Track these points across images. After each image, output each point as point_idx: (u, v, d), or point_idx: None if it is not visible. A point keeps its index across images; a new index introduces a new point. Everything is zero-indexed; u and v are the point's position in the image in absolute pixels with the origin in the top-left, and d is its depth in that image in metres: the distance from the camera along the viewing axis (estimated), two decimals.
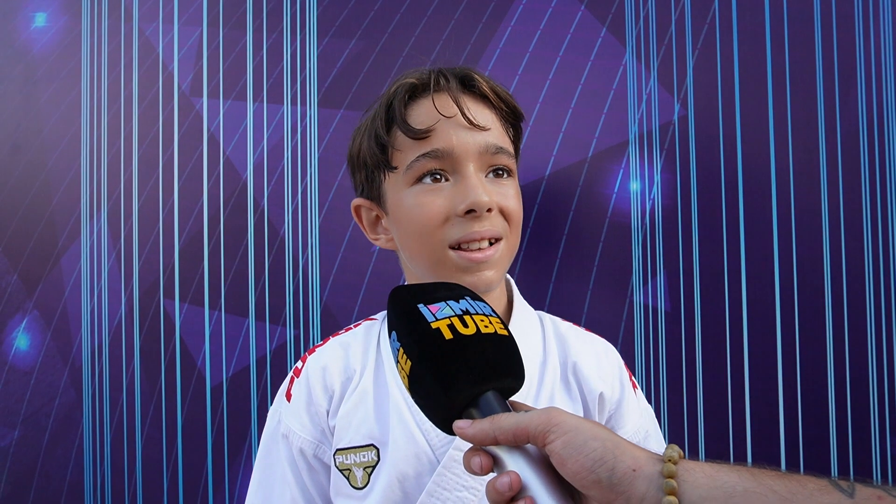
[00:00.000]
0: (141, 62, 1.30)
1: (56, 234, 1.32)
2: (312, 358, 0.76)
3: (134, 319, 1.27)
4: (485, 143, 0.69)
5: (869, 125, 1.06)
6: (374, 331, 0.78)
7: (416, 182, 0.69)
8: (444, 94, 0.69)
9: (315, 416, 0.73)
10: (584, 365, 0.75)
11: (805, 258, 1.07)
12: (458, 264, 0.68)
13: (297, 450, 0.73)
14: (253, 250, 1.23)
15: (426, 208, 0.68)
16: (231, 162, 1.25)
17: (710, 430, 1.08)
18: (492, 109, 0.72)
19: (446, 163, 0.68)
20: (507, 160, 0.71)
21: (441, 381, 0.48)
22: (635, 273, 1.11)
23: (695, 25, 1.11)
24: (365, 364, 0.74)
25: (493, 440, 0.46)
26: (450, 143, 0.67)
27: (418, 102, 0.70)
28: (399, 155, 0.70)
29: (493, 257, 0.69)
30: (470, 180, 0.67)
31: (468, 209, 0.66)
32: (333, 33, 1.22)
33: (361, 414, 0.71)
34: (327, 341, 0.78)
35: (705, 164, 1.10)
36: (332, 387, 0.73)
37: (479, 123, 0.68)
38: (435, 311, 0.50)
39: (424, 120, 0.68)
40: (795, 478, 0.40)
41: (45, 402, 1.31)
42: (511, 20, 1.16)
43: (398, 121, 0.69)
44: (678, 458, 0.42)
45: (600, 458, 0.42)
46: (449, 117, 0.68)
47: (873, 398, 1.05)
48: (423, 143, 0.68)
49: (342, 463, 0.70)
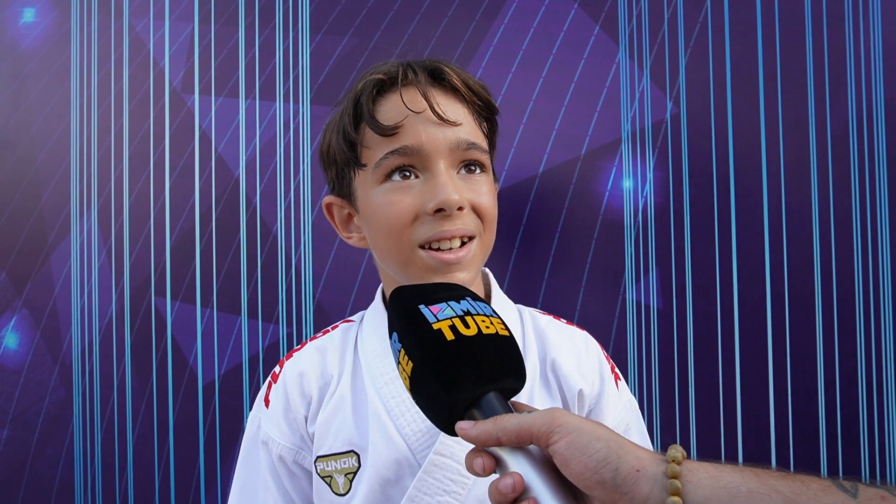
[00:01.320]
0: (131, 58, 1.29)
1: (45, 232, 1.30)
2: (289, 363, 0.75)
3: (125, 317, 1.26)
4: (455, 138, 0.66)
5: (859, 124, 1.07)
6: (351, 334, 0.76)
7: (384, 180, 0.67)
8: (413, 89, 0.67)
9: (293, 423, 0.72)
10: (564, 362, 0.74)
11: (795, 256, 1.08)
12: (428, 265, 0.66)
13: (276, 456, 0.72)
14: (245, 248, 1.22)
15: (395, 207, 0.66)
16: (223, 159, 1.24)
17: (702, 427, 1.09)
18: (463, 103, 0.69)
19: (415, 159, 0.66)
20: (479, 155, 0.69)
21: (443, 382, 0.48)
22: (628, 271, 1.12)
23: (687, 24, 1.12)
24: (342, 369, 0.73)
25: (496, 441, 0.46)
26: (419, 140, 0.65)
27: (386, 97, 0.68)
28: (368, 152, 0.68)
29: (465, 258, 0.66)
30: (440, 178, 0.65)
31: (437, 208, 0.64)
32: (326, 30, 1.22)
33: (340, 420, 0.70)
34: (304, 345, 0.77)
35: (697, 162, 1.10)
36: (310, 393, 0.72)
37: (450, 118, 0.66)
38: (436, 312, 0.50)
39: (392, 116, 0.66)
40: (799, 478, 0.41)
41: (35, 401, 1.30)
42: (504, 18, 1.16)
43: (366, 117, 0.67)
44: (682, 458, 0.42)
45: (604, 458, 0.42)
46: (418, 112, 0.65)
47: (862, 395, 1.06)
48: (392, 140, 0.66)
49: (323, 470, 0.69)
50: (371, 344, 0.73)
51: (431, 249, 0.66)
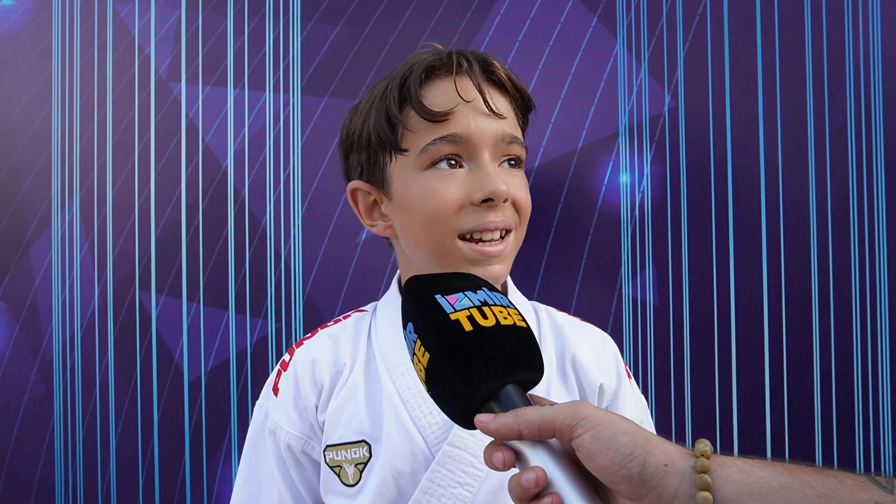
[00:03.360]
0: (116, 45, 1.25)
1: (25, 223, 1.26)
2: (300, 351, 0.74)
3: (108, 311, 1.23)
4: (501, 131, 0.67)
5: (857, 119, 1.07)
6: (364, 323, 0.75)
7: (429, 167, 0.66)
8: (466, 78, 0.67)
9: (303, 412, 0.71)
10: (583, 357, 0.74)
11: (793, 252, 1.07)
12: (467, 256, 0.66)
13: (284, 445, 0.71)
14: (233, 241, 1.20)
15: (440, 195, 0.65)
16: (211, 149, 1.21)
17: (698, 423, 1.08)
18: (507, 97, 0.70)
19: (462, 148, 0.66)
20: (519, 150, 0.70)
21: (461, 373, 0.46)
22: (624, 266, 1.11)
23: (686, 17, 1.11)
24: (355, 357, 0.72)
25: (518, 434, 0.44)
26: (468, 129, 0.65)
27: (435, 83, 0.67)
28: (411, 136, 0.67)
29: (504, 252, 0.67)
30: (487, 168, 0.66)
31: (486, 198, 0.64)
32: (318, 18, 1.19)
33: (352, 409, 0.69)
34: (316, 333, 0.76)
35: (695, 156, 1.10)
36: (321, 381, 0.71)
37: (498, 111, 0.67)
38: (453, 302, 0.49)
39: (442, 102, 0.66)
40: (833, 473, 0.40)
41: (14, 397, 1.26)
42: (500, 8, 1.14)
43: (413, 100, 0.66)
44: (710, 452, 0.41)
45: (631, 452, 0.41)
46: (468, 101, 0.66)
47: (858, 392, 1.06)
48: (440, 127, 0.65)
49: (332, 459, 0.68)
50: (386, 334, 0.72)
51: (472, 241, 0.66)
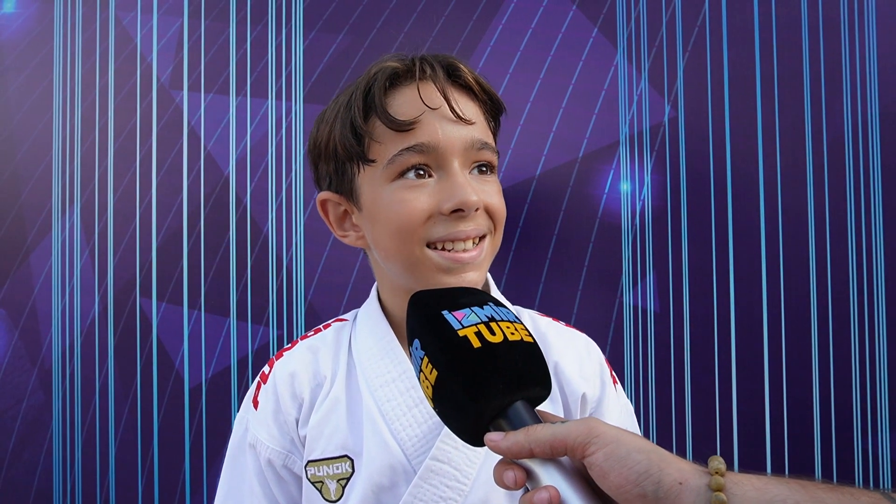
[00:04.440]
0: (117, 52, 1.25)
1: (25, 230, 1.26)
2: (280, 363, 0.72)
3: (108, 319, 1.23)
4: (470, 137, 0.65)
5: (854, 128, 1.08)
6: (344, 333, 0.74)
7: (397, 177, 0.64)
8: (430, 84, 0.64)
9: (284, 426, 0.69)
10: (566, 365, 0.72)
11: (791, 260, 1.08)
12: (438, 264, 0.64)
13: (265, 460, 0.69)
14: (235, 248, 1.20)
15: (408, 205, 0.63)
16: (212, 157, 1.21)
17: (698, 430, 1.09)
18: (476, 101, 0.68)
19: (430, 158, 0.64)
20: (490, 156, 0.67)
21: (470, 391, 0.45)
22: (625, 274, 1.11)
23: (685, 27, 1.12)
24: (336, 370, 0.70)
25: (529, 453, 0.44)
26: (435, 137, 0.63)
27: (399, 91, 0.65)
28: (378, 147, 0.64)
29: (478, 258, 0.65)
30: (457, 178, 0.63)
31: (456, 208, 0.62)
32: (320, 27, 1.19)
33: (334, 423, 0.67)
34: (295, 345, 0.74)
35: (695, 165, 1.11)
36: (302, 395, 0.69)
37: (466, 117, 0.64)
38: (461, 318, 0.48)
39: (407, 110, 0.63)
40: (848, 490, 0.40)
41: (12, 405, 1.25)
42: (502, 18, 1.15)
43: (378, 110, 0.64)
44: (724, 470, 0.41)
45: (645, 470, 0.40)
46: (434, 109, 0.63)
47: (856, 398, 1.07)
48: (407, 136, 0.63)
49: (314, 475, 0.67)
50: (366, 344, 0.71)
51: (444, 249, 0.64)
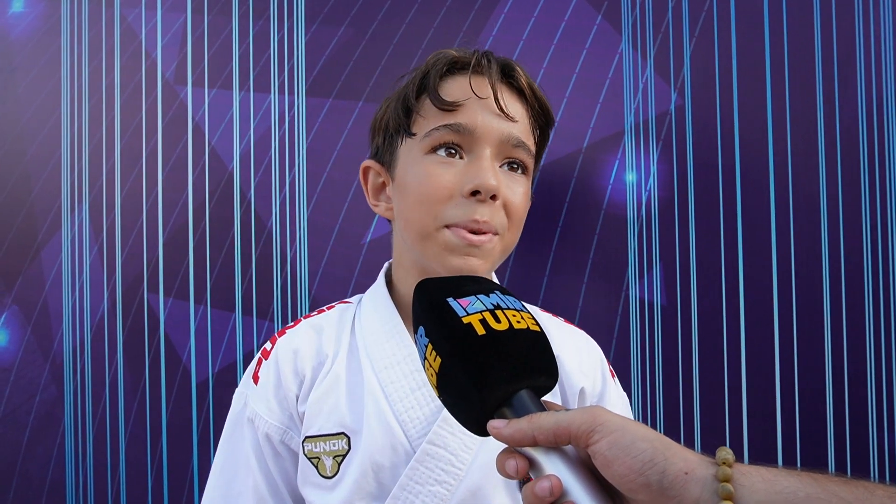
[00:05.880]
0: (123, 49, 1.26)
1: (36, 227, 1.28)
2: (283, 340, 0.74)
3: (117, 314, 1.24)
4: (508, 132, 0.68)
5: (868, 117, 1.05)
6: (348, 314, 0.76)
7: (430, 151, 0.68)
8: (482, 77, 0.69)
9: (283, 401, 0.71)
10: (566, 359, 0.74)
11: (803, 251, 1.06)
12: (448, 241, 0.67)
13: (262, 435, 0.71)
14: (239, 243, 1.20)
15: (434, 179, 0.67)
16: (217, 152, 1.21)
17: (707, 426, 1.07)
18: (524, 105, 0.72)
19: (465, 139, 0.67)
20: (524, 156, 0.70)
21: (474, 378, 0.45)
22: (631, 266, 1.09)
23: (692, 13, 1.09)
24: (338, 349, 0.72)
25: (532, 441, 0.43)
26: (474, 122, 0.67)
27: (454, 78, 0.70)
28: (421, 122, 0.69)
29: (487, 246, 0.67)
30: (483, 162, 0.67)
31: (474, 189, 0.65)
32: (322, 20, 1.19)
33: (333, 401, 0.69)
34: (298, 323, 0.76)
35: (702, 155, 1.08)
36: (303, 371, 0.71)
37: (509, 113, 0.68)
38: (465, 306, 0.48)
39: (456, 94, 0.68)
40: (863, 484, 0.38)
41: (25, 400, 1.27)
42: (504, 7, 1.14)
43: (430, 89, 0.69)
44: (732, 460, 0.40)
45: (650, 459, 0.39)
46: (481, 98, 0.68)
47: (871, 394, 1.04)
48: (448, 115, 0.68)
49: (311, 451, 0.69)
50: (371, 326, 0.73)
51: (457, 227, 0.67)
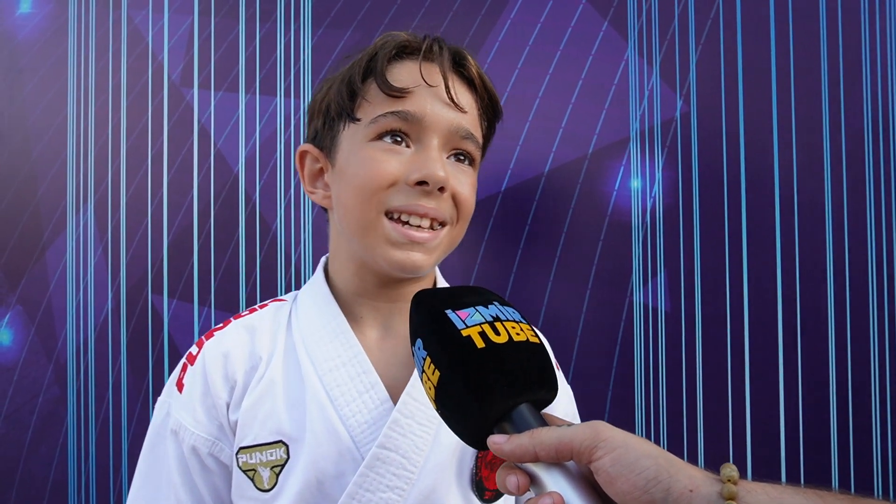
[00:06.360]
0: (130, 51, 1.26)
1: (41, 227, 1.28)
2: (211, 343, 0.68)
3: (121, 315, 1.24)
4: (457, 123, 0.65)
5: (874, 123, 1.05)
6: (283, 312, 0.71)
7: (375, 138, 0.65)
8: (433, 64, 0.66)
9: (212, 410, 0.65)
10: None
11: (808, 258, 1.05)
12: (389, 236, 0.63)
13: (188, 447, 0.65)
14: (244, 245, 1.20)
15: (377, 166, 0.63)
16: (222, 154, 1.22)
17: (710, 433, 1.07)
18: (474, 95, 0.69)
19: (412, 128, 0.64)
20: (472, 148, 0.67)
21: (474, 392, 0.44)
22: (635, 272, 1.09)
23: (698, 20, 1.09)
24: (273, 350, 0.67)
25: (533, 456, 0.43)
26: (422, 110, 0.64)
27: (403, 62, 0.66)
28: (367, 107, 0.65)
29: (433, 242, 0.64)
30: (431, 152, 0.64)
31: (420, 180, 0.62)
32: (328, 24, 1.19)
33: (268, 407, 0.64)
34: (228, 324, 0.70)
35: (708, 161, 1.08)
36: (234, 376, 0.66)
37: (459, 103, 0.65)
38: (464, 318, 0.47)
39: (405, 80, 0.65)
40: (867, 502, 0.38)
41: (29, 399, 1.28)
42: (511, 12, 1.14)
43: (377, 73, 0.65)
44: (737, 478, 0.39)
45: (654, 476, 0.39)
46: (431, 86, 0.65)
47: (875, 402, 1.04)
48: (396, 102, 0.64)
49: (246, 463, 0.64)
50: (311, 324, 0.68)
51: (398, 221, 0.64)
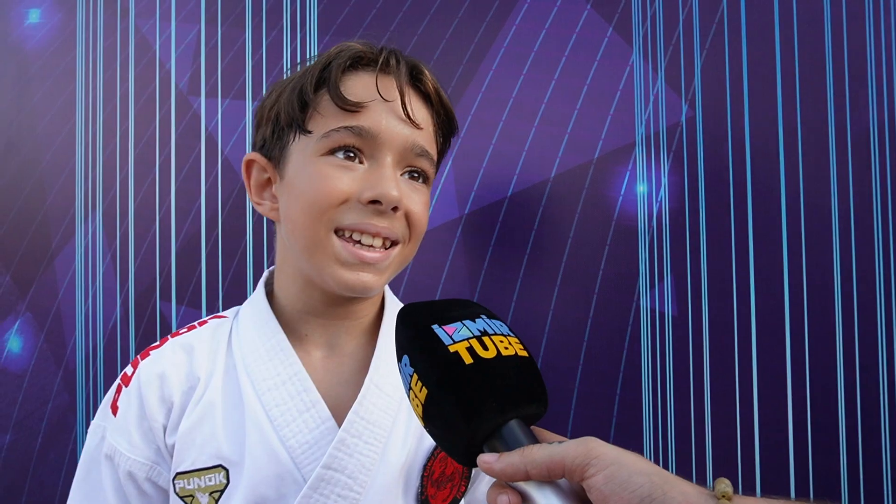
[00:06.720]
0: (137, 60, 1.27)
1: (50, 235, 1.29)
2: (146, 363, 0.66)
3: (129, 322, 1.25)
4: (413, 140, 0.63)
5: (880, 126, 1.05)
6: (223, 330, 0.68)
7: (327, 153, 0.62)
8: (390, 77, 0.63)
9: (148, 433, 0.63)
10: None
11: (815, 262, 1.05)
12: (338, 254, 0.61)
13: (124, 473, 0.63)
14: (251, 252, 1.21)
15: (329, 182, 0.61)
16: (230, 162, 1.22)
17: (718, 438, 1.06)
18: (430, 110, 0.67)
19: (366, 144, 0.62)
20: (427, 165, 0.65)
21: (462, 409, 0.43)
22: (642, 277, 1.09)
23: (703, 25, 1.09)
24: (212, 370, 0.65)
25: (525, 475, 0.42)
26: (377, 126, 0.62)
27: (358, 74, 0.64)
28: (319, 119, 0.63)
29: (383, 263, 0.62)
30: (385, 170, 0.61)
31: (374, 199, 0.60)
32: (334, 32, 1.20)
33: (207, 430, 0.62)
34: (165, 342, 0.68)
35: (713, 166, 1.08)
36: (171, 398, 0.63)
37: (415, 119, 0.63)
38: (451, 333, 0.46)
39: (359, 93, 0.62)
40: None
41: (38, 406, 1.28)
42: (516, 19, 1.14)
43: (331, 84, 0.62)
44: (731, 493, 0.39)
45: (648, 494, 0.38)
46: (386, 101, 0.62)
47: (884, 406, 1.03)
48: (349, 117, 0.62)
49: (183, 488, 0.62)
50: (251, 344, 0.66)
51: (349, 240, 0.62)
